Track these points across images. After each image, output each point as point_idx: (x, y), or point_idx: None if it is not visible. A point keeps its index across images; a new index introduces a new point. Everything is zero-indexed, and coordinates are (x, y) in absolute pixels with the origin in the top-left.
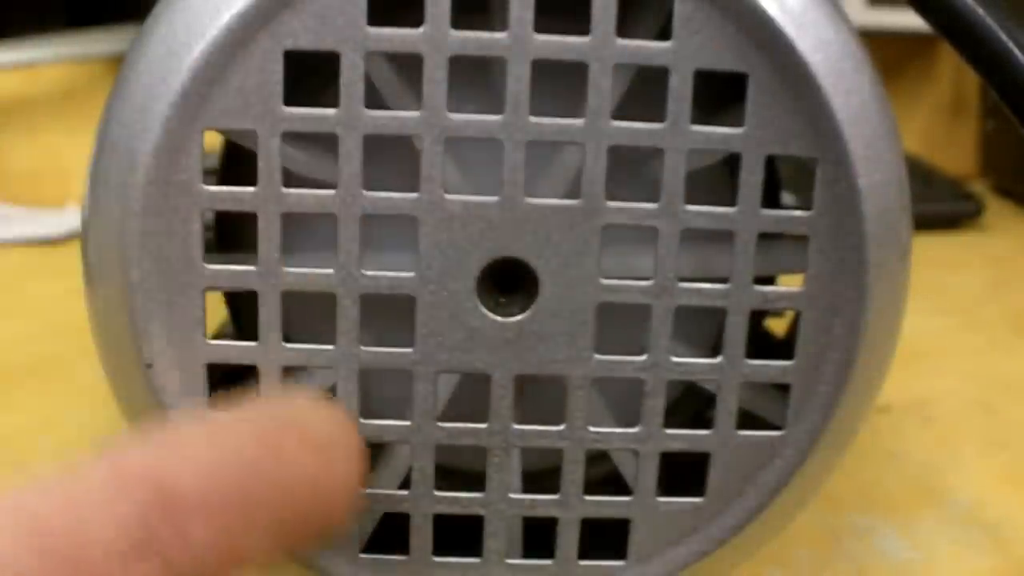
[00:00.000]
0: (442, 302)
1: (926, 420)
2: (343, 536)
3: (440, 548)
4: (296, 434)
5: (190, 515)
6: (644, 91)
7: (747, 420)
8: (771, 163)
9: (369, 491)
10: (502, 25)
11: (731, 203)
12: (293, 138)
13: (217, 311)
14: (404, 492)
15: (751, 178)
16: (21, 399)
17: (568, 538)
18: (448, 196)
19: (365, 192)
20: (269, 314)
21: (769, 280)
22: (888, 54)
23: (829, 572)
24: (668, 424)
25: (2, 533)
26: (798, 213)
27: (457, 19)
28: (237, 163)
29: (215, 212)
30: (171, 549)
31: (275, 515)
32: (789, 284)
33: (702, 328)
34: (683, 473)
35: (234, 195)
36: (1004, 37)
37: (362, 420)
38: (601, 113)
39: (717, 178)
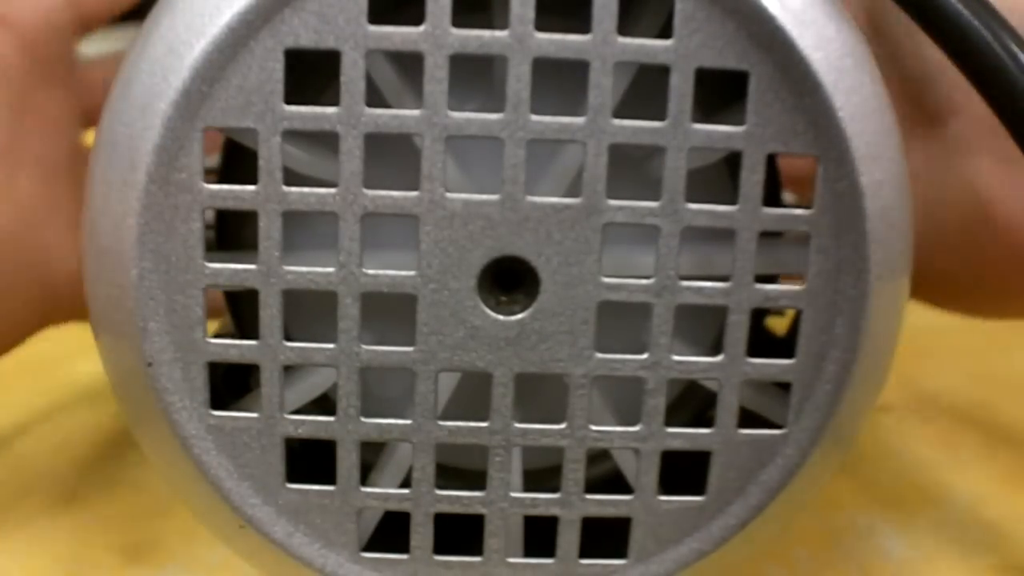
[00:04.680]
0: (443, 300)
1: (926, 419)
2: (344, 535)
3: (441, 547)
4: None
5: None
6: (645, 89)
7: (748, 419)
8: (772, 161)
9: (370, 490)
10: (503, 23)
11: (732, 202)
12: (294, 136)
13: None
14: (405, 491)
15: (752, 176)
16: (21, 399)
17: (569, 537)
18: (449, 195)
19: (366, 190)
20: (270, 312)
21: (770, 279)
22: None
23: (830, 572)
24: (669, 423)
25: None
26: (799, 211)
27: (458, 17)
28: (238, 161)
29: (216, 210)
30: None
31: None
32: (790, 283)
33: (703, 327)
34: (684, 472)
35: (235, 193)
36: (999, 49)
37: (363, 419)
38: (602, 111)
39: (718, 176)
